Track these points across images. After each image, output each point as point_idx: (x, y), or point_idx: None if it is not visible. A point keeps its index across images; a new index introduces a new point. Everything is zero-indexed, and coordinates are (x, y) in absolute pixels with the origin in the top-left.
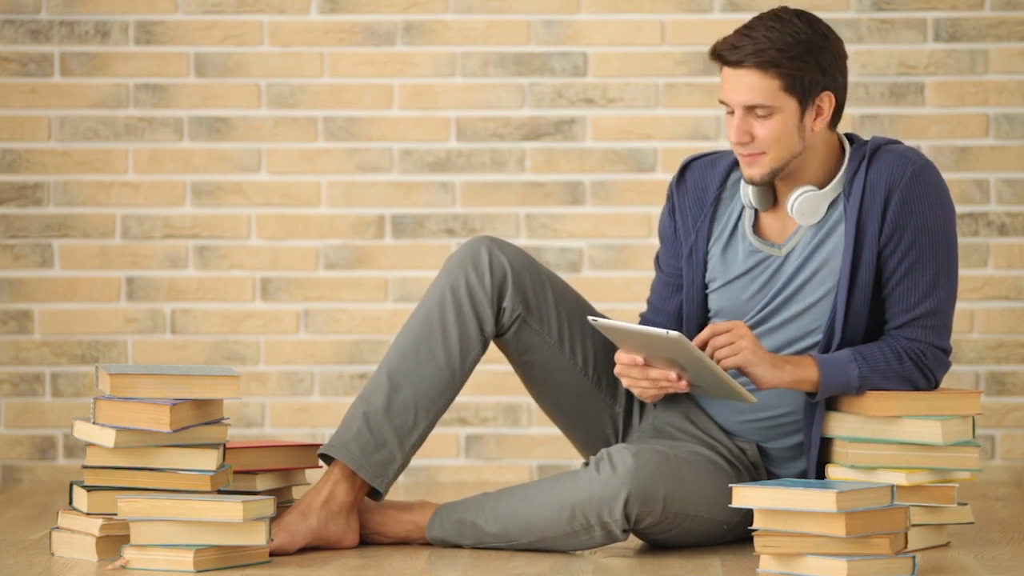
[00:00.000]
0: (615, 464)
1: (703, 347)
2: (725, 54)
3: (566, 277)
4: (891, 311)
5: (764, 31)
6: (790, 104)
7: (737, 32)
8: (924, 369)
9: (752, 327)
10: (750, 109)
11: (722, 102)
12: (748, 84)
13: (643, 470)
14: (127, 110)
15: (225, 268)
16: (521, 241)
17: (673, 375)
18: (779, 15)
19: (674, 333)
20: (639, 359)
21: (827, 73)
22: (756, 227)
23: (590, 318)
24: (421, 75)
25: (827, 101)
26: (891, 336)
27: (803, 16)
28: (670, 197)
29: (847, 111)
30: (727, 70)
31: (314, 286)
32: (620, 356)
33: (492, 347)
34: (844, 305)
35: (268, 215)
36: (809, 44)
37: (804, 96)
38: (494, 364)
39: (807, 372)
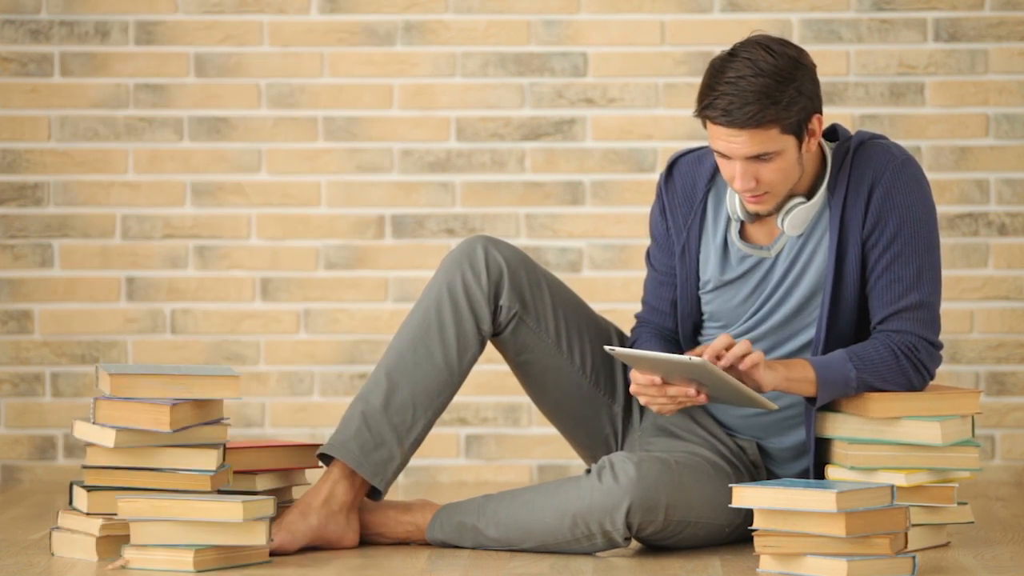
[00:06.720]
0: (617, 473)
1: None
2: (718, 119)
3: (566, 277)
4: (876, 304)
5: (748, 85)
6: (790, 142)
7: (719, 90)
8: (918, 365)
9: (748, 329)
10: (753, 157)
11: (718, 152)
12: (747, 138)
13: (645, 480)
14: (127, 110)
15: (225, 268)
16: (521, 241)
17: (692, 391)
18: (750, 59)
19: (698, 359)
20: (656, 379)
21: (811, 97)
22: (742, 231)
23: (607, 348)
24: (421, 75)
25: (816, 123)
26: (880, 333)
27: (767, 47)
28: (659, 195)
29: (848, 111)
30: (720, 128)
31: (314, 286)
32: (636, 376)
33: (491, 347)
34: (830, 296)
35: (268, 215)
36: (789, 77)
37: (799, 130)
38: (494, 364)
39: (800, 372)
